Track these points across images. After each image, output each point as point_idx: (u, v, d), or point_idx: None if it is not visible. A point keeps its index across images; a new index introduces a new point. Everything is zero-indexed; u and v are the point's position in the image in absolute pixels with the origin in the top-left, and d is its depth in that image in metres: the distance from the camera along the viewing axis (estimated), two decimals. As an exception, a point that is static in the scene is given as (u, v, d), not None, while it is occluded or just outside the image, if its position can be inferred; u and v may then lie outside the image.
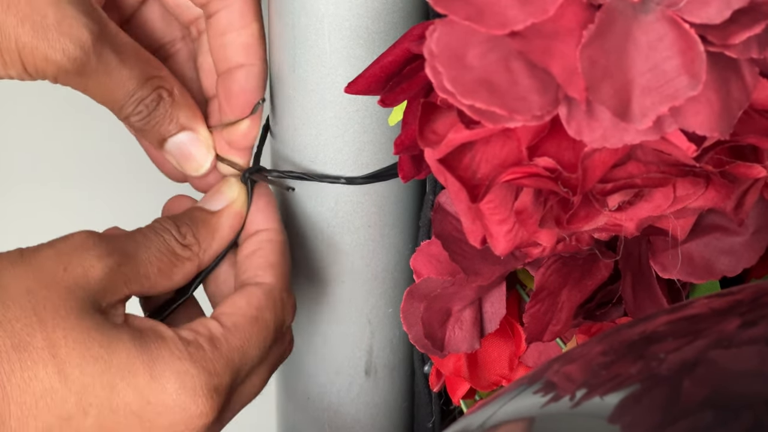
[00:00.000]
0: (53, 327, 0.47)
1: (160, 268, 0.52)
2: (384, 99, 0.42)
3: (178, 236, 0.53)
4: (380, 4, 0.52)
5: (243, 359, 0.51)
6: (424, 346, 0.50)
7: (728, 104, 0.36)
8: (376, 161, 0.56)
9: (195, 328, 0.51)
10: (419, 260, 0.50)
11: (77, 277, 0.49)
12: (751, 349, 0.35)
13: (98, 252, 0.50)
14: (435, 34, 0.36)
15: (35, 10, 0.48)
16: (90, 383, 0.48)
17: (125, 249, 0.51)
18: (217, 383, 0.50)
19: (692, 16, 0.35)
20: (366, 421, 0.64)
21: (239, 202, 0.56)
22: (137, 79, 0.52)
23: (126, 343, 0.48)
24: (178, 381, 0.49)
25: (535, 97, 0.35)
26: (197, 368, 0.49)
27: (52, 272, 0.48)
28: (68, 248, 0.49)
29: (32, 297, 0.48)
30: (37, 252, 0.49)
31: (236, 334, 0.51)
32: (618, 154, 0.39)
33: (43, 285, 0.48)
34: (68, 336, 0.47)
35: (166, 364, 0.49)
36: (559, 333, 0.49)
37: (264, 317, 0.53)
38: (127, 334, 0.49)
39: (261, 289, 0.53)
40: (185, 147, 0.55)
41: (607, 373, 0.36)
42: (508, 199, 0.41)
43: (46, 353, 0.47)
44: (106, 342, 0.48)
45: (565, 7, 0.35)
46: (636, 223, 0.42)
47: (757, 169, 0.40)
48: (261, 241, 0.55)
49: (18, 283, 0.48)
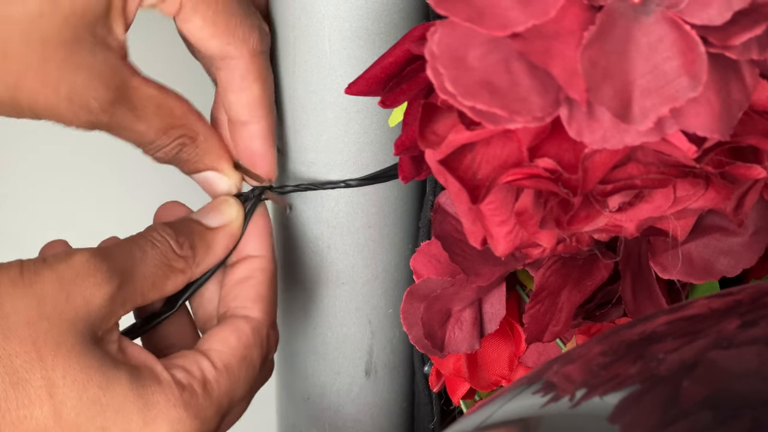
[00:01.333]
0: (53, 365, 0.47)
1: (154, 282, 0.52)
2: (384, 100, 0.42)
3: (175, 247, 0.53)
4: (380, 5, 0.52)
5: (231, 402, 0.52)
6: (424, 346, 0.50)
7: (728, 105, 0.36)
8: (377, 162, 0.56)
9: (188, 369, 0.51)
10: (419, 261, 0.50)
11: (78, 307, 0.48)
12: (751, 349, 0.35)
13: (100, 278, 0.49)
14: (436, 36, 0.36)
15: (47, 84, 0.48)
16: (83, 424, 0.48)
17: (124, 268, 0.51)
18: (206, 429, 0.50)
19: (693, 18, 0.35)
20: (366, 421, 0.64)
21: (236, 223, 0.56)
22: (155, 131, 0.52)
23: (123, 386, 0.49)
24: (171, 429, 0.49)
25: (535, 98, 0.35)
26: (190, 417, 0.50)
27: (53, 301, 0.48)
28: (70, 274, 0.49)
29: (33, 330, 0.47)
30: (37, 274, 0.49)
31: (227, 376, 0.52)
32: (618, 155, 0.39)
33: (45, 316, 0.48)
34: (67, 375, 0.47)
35: (161, 411, 0.49)
36: (558, 333, 0.49)
37: (252, 356, 0.53)
38: (126, 373, 0.49)
39: (249, 326, 0.54)
40: (210, 183, 0.56)
41: (607, 373, 0.36)
42: (508, 200, 0.41)
43: (44, 392, 0.47)
44: (104, 383, 0.48)
45: (566, 9, 0.35)
46: (636, 223, 0.42)
47: (757, 170, 0.40)
48: (253, 269, 0.56)
49: (18, 313, 0.47)
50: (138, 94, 0.51)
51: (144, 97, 0.51)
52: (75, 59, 0.48)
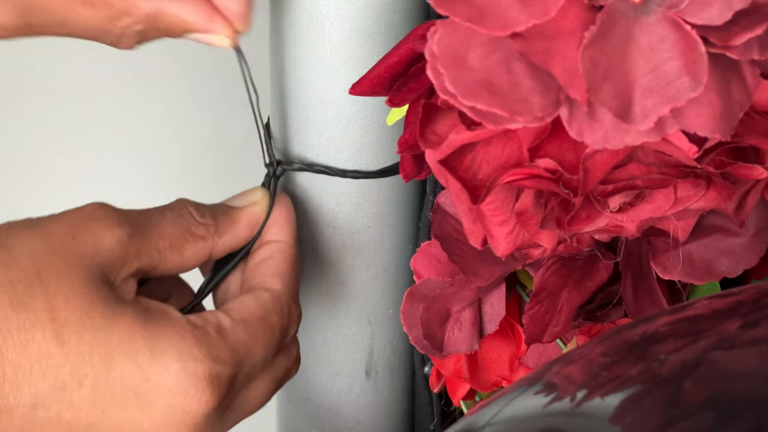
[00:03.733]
0: (55, 292, 0.46)
1: (171, 242, 0.51)
2: (392, 99, 0.42)
3: (195, 213, 0.53)
4: (380, 5, 0.52)
5: (248, 354, 0.50)
6: (423, 346, 0.50)
7: (729, 105, 0.36)
8: (377, 162, 0.56)
9: (203, 316, 0.50)
10: (419, 261, 0.50)
11: (86, 245, 0.48)
12: (752, 350, 0.35)
13: (109, 222, 0.49)
14: (436, 36, 0.36)
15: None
16: (87, 352, 0.46)
17: (138, 221, 0.50)
18: (220, 371, 0.48)
19: (694, 18, 0.35)
20: (366, 421, 0.64)
21: (261, 205, 0.55)
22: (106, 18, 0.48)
23: (129, 318, 0.47)
24: (180, 361, 0.47)
25: (536, 98, 0.35)
26: (202, 352, 0.48)
27: (60, 239, 0.48)
28: (79, 217, 0.49)
29: (36, 260, 0.47)
30: (47, 220, 0.48)
31: (243, 328, 0.50)
32: (619, 156, 0.39)
33: (50, 250, 0.47)
34: (69, 302, 0.46)
35: (170, 342, 0.48)
36: (558, 334, 0.49)
37: (271, 319, 0.52)
38: (132, 309, 0.48)
39: (269, 294, 0.53)
40: (199, 39, 0.50)
41: (608, 374, 0.36)
42: (509, 201, 0.41)
43: (45, 316, 0.46)
44: (108, 314, 0.47)
45: (566, 9, 0.35)
46: (637, 224, 0.42)
47: (758, 170, 0.40)
48: (273, 251, 0.55)
49: (23, 246, 0.47)
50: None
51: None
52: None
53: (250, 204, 0.55)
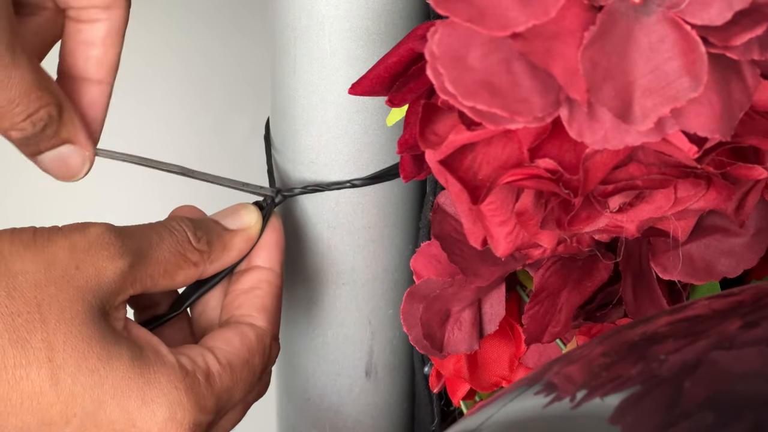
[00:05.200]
0: (55, 329, 0.47)
1: (166, 269, 0.52)
2: (392, 99, 0.42)
3: (192, 239, 0.53)
4: (380, 6, 0.52)
5: (229, 400, 0.51)
6: (423, 347, 0.50)
7: (729, 106, 0.36)
8: (377, 162, 0.56)
9: (193, 358, 0.50)
10: (419, 261, 0.50)
11: (89, 277, 0.48)
12: (753, 350, 0.35)
13: (113, 252, 0.49)
14: (436, 36, 0.36)
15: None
16: (80, 394, 0.47)
17: (140, 248, 0.50)
18: (203, 420, 0.50)
19: (694, 18, 0.35)
20: (366, 422, 0.64)
21: (255, 228, 0.55)
22: (37, 87, 0.49)
23: (124, 362, 0.48)
24: (170, 411, 0.48)
25: (536, 98, 0.35)
26: (190, 402, 0.49)
27: (63, 268, 0.48)
28: (84, 243, 0.48)
29: (39, 293, 0.47)
30: (50, 240, 0.48)
31: (229, 373, 0.51)
32: (619, 156, 0.39)
33: (52, 280, 0.47)
34: (68, 342, 0.47)
35: (162, 391, 0.48)
36: (558, 334, 0.49)
37: (254, 362, 0.53)
38: (127, 350, 0.48)
39: (254, 333, 0.53)
40: (63, 158, 0.52)
41: (608, 374, 0.36)
42: (509, 201, 0.41)
43: (43, 355, 0.46)
44: (105, 356, 0.47)
45: (566, 9, 0.35)
46: (637, 224, 0.42)
47: (758, 170, 0.40)
48: (260, 280, 0.55)
49: (27, 274, 0.47)
50: (24, 43, 0.48)
51: (26, 47, 0.48)
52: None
53: (244, 227, 0.55)
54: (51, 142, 0.51)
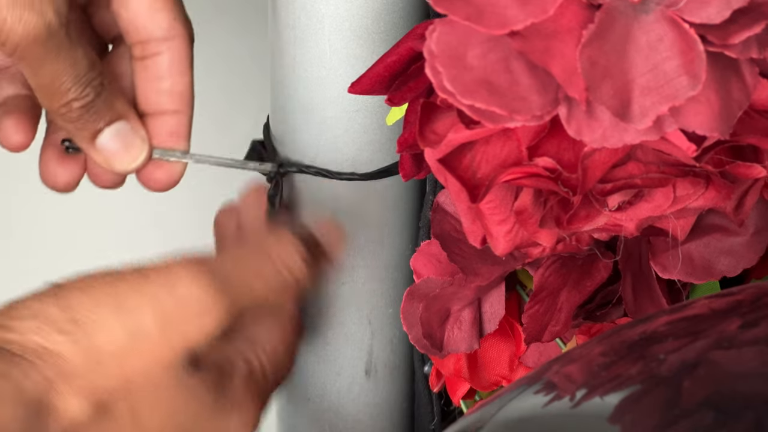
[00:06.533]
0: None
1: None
2: (391, 98, 0.42)
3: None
4: (380, 5, 0.52)
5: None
6: (423, 346, 0.50)
7: (728, 104, 0.36)
8: (376, 161, 0.56)
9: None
10: (419, 261, 0.50)
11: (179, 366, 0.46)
12: (752, 349, 0.35)
13: (214, 326, 0.46)
14: (435, 34, 0.36)
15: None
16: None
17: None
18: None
19: (692, 16, 0.35)
20: (366, 421, 0.64)
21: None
22: (88, 61, 0.50)
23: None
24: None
25: (535, 97, 0.35)
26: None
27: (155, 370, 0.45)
28: (176, 313, 0.46)
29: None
30: (143, 315, 0.45)
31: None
32: (618, 154, 0.39)
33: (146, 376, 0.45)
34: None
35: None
36: (558, 333, 0.49)
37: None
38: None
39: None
40: (121, 138, 0.53)
41: (608, 373, 0.36)
42: (508, 200, 0.41)
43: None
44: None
45: (564, 7, 0.35)
46: (636, 223, 0.42)
47: (757, 169, 0.40)
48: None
49: (112, 361, 0.44)
50: (72, 22, 0.49)
51: (76, 26, 0.49)
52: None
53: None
54: (108, 114, 0.51)
